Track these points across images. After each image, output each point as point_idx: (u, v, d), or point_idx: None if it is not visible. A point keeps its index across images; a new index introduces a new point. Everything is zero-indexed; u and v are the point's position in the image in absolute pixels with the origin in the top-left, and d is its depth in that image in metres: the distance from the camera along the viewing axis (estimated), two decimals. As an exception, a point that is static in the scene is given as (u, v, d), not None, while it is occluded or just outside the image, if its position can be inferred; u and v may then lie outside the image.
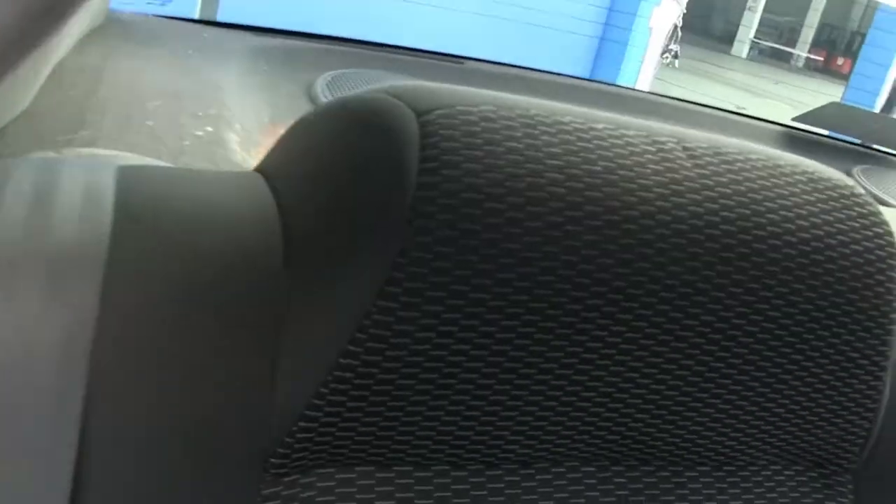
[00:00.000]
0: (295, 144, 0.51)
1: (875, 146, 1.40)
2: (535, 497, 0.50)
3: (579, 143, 0.46)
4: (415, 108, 0.44)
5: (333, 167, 0.47)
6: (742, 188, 0.49)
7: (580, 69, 6.68)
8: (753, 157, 0.51)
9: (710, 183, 0.48)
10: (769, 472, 0.57)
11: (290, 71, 1.06)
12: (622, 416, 0.50)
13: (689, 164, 0.48)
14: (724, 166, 0.49)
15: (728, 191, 0.49)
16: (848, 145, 1.37)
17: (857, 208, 0.53)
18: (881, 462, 0.60)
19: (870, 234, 0.53)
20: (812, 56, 21.45)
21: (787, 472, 0.58)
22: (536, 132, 0.45)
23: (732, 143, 0.52)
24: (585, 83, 1.25)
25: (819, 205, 0.51)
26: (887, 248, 0.53)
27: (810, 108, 1.36)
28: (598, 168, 0.45)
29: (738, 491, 0.56)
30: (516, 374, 0.46)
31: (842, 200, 0.53)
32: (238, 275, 0.46)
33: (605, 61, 7.07)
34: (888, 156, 1.38)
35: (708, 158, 0.49)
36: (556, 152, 0.45)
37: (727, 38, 20.61)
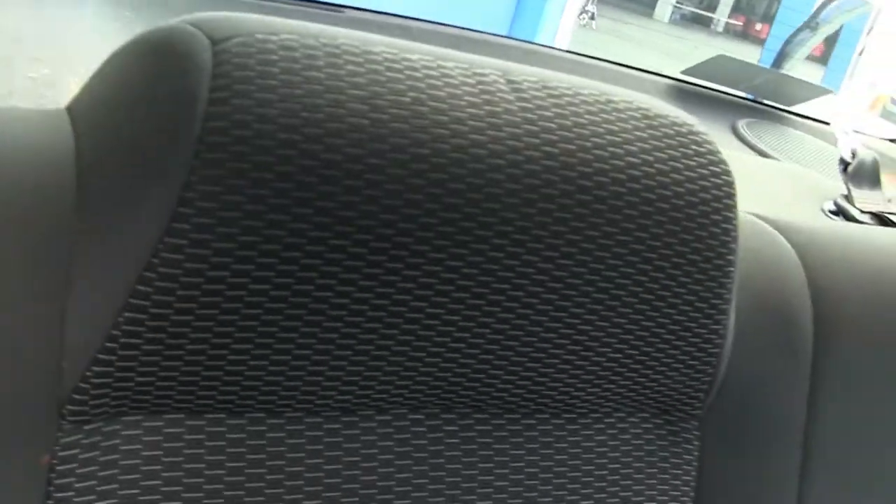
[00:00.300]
0: (102, 79, 0.48)
1: (763, 100, 1.40)
2: (357, 446, 0.48)
3: (388, 74, 0.43)
4: (211, 37, 0.42)
5: (127, 100, 0.45)
6: (568, 123, 0.47)
7: (499, 25, 6.61)
8: (584, 92, 0.49)
9: (534, 117, 0.46)
10: (613, 420, 0.56)
11: (155, 18, 1.02)
12: (446, 362, 0.48)
13: (511, 98, 0.46)
14: (550, 100, 0.47)
15: (553, 125, 0.47)
16: (735, 99, 1.37)
17: (694, 147, 0.51)
18: (725, 407, 0.60)
19: (707, 172, 0.51)
20: (732, 21, 21.77)
21: (632, 420, 0.57)
22: (341, 62, 0.43)
23: (564, 78, 0.50)
24: (472, 34, 1.22)
25: (653, 142, 0.50)
26: (725, 188, 0.52)
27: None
28: (407, 99, 0.43)
29: (578, 438, 0.55)
30: (323, 315, 0.44)
31: (678, 138, 0.51)
32: (26, 213, 0.43)
33: (524, 17, 7.02)
34: (774, 110, 1.38)
35: (534, 93, 0.47)
36: (361, 82, 0.42)
37: (650, 1, 20.75)
